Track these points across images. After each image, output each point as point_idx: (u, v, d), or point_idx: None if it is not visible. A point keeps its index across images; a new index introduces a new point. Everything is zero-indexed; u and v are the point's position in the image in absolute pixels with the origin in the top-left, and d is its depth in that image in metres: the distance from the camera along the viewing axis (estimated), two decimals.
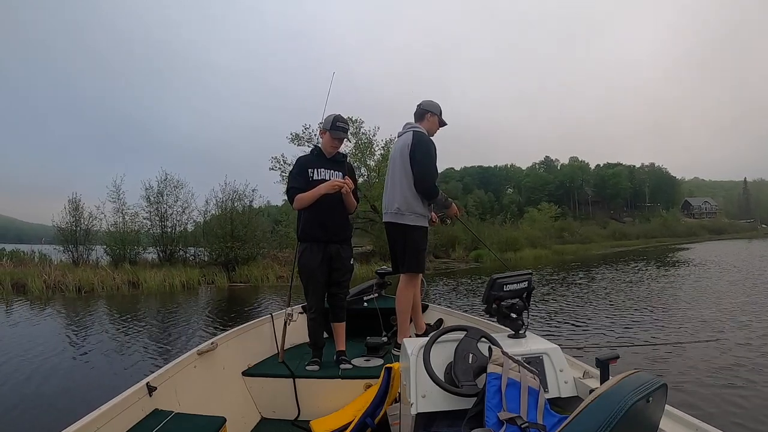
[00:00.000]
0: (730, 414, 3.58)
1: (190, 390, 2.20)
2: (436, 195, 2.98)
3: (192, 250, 18.01)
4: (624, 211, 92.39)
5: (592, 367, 1.66)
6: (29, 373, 5.16)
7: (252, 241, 17.02)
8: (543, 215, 45.42)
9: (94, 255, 16.82)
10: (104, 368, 5.34)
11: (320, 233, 2.93)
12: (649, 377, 1.02)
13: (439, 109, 3.15)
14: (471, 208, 45.14)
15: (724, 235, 66.51)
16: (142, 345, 6.42)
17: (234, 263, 16.38)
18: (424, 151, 2.92)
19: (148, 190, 17.51)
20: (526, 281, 1.90)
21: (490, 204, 77.72)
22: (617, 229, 59.13)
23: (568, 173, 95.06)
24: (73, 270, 14.41)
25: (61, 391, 4.53)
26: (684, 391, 4.05)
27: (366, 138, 24.00)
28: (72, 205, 16.77)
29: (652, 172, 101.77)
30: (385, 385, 2.17)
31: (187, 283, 14.51)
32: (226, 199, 17.94)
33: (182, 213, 17.97)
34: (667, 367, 4.79)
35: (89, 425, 1.50)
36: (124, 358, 5.79)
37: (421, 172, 2.91)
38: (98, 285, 13.34)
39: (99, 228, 17.12)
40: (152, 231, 17.54)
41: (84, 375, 5.11)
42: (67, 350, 6.25)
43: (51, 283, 13.13)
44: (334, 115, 2.99)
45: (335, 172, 2.98)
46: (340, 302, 3.06)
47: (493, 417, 1.31)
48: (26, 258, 16.45)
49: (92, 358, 5.79)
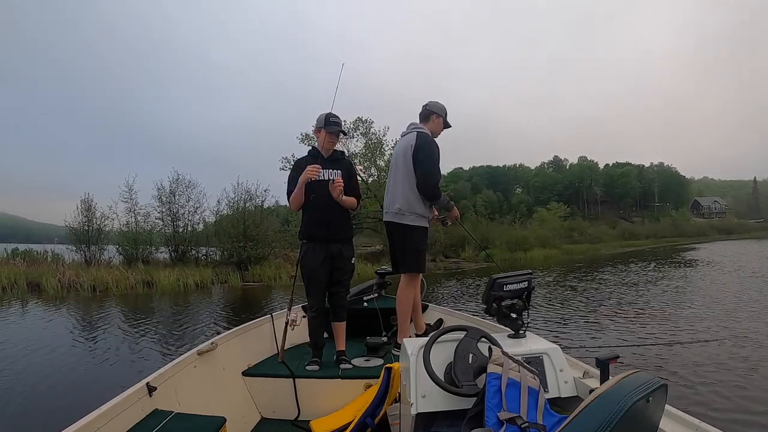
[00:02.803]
0: (730, 414, 3.57)
1: (190, 390, 2.21)
2: (439, 197, 2.98)
3: (204, 250, 18.12)
4: (633, 210, 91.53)
5: (592, 367, 1.66)
6: (54, 367, 5.29)
7: (264, 241, 17.07)
8: (552, 215, 45.13)
9: (106, 255, 16.98)
10: (125, 366, 5.39)
11: (322, 233, 2.94)
12: (649, 377, 1.02)
13: (444, 110, 3.14)
14: (480, 208, 45.04)
15: (734, 235, 65.77)
16: (162, 343, 6.48)
17: (247, 263, 16.44)
18: (428, 153, 2.91)
19: (160, 190, 17.67)
20: (526, 281, 1.90)
21: (499, 204, 77.50)
22: (626, 229, 58.71)
23: (577, 173, 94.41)
24: (86, 269, 14.55)
25: (84, 388, 4.58)
26: (684, 391, 4.04)
27: (376, 138, 24.19)
28: (84, 205, 16.95)
29: (661, 171, 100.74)
30: (385, 385, 2.17)
31: (201, 283, 14.60)
32: (239, 199, 18.03)
33: (194, 213, 18.12)
34: (668, 367, 4.79)
35: (89, 425, 1.51)
36: (143, 355, 5.87)
37: (424, 173, 2.90)
38: (113, 284, 13.46)
39: (111, 228, 17.28)
40: (164, 231, 17.67)
41: (107, 372, 5.19)
42: (90, 348, 6.34)
43: (65, 282, 13.25)
44: (326, 113, 3.00)
45: (333, 171, 2.99)
46: (341, 301, 3.07)
47: (493, 417, 1.31)
48: (39, 257, 16.63)
49: (114, 356, 5.87)
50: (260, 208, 18.18)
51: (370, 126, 24.46)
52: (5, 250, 17.16)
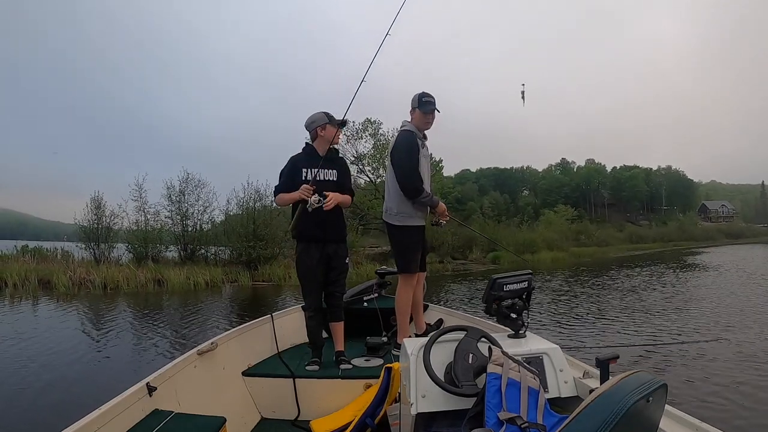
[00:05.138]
0: (730, 414, 3.57)
1: (190, 390, 2.21)
2: (419, 195, 2.90)
3: (213, 249, 18.21)
4: (640, 214, 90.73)
5: (592, 367, 1.66)
6: (69, 363, 5.41)
7: (274, 241, 17.12)
8: (559, 217, 44.93)
9: (115, 253, 17.13)
10: (140, 364, 5.46)
11: (318, 233, 2.94)
12: (649, 377, 1.01)
13: (417, 100, 2.98)
14: (487, 210, 44.96)
15: (742, 239, 65.32)
16: (180, 341, 6.55)
17: (256, 262, 16.51)
18: (402, 154, 2.89)
19: (170, 189, 17.79)
20: (526, 281, 1.89)
21: (505, 206, 77.17)
22: (634, 232, 58.30)
23: (585, 175, 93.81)
24: (96, 267, 14.67)
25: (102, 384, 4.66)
26: (684, 392, 4.04)
27: (385, 139, 24.20)
28: (94, 203, 17.10)
29: (668, 174, 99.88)
30: (385, 385, 2.17)
31: (211, 282, 14.70)
32: (248, 199, 18.11)
33: (203, 212, 18.25)
34: (668, 367, 4.79)
35: (89, 425, 1.52)
36: (159, 352, 5.93)
37: (401, 174, 2.89)
38: (123, 282, 13.58)
39: (120, 226, 17.42)
40: (173, 229, 17.78)
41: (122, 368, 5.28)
42: (102, 344, 6.42)
43: (76, 279, 13.37)
44: (324, 112, 3.02)
45: (329, 171, 2.99)
46: (338, 301, 3.07)
47: (493, 417, 1.31)
48: (49, 255, 16.80)
49: (129, 354, 5.94)
50: (270, 208, 18.19)
51: (379, 127, 24.59)
52: (15, 247, 17.35)
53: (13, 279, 12.97)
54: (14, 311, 9.52)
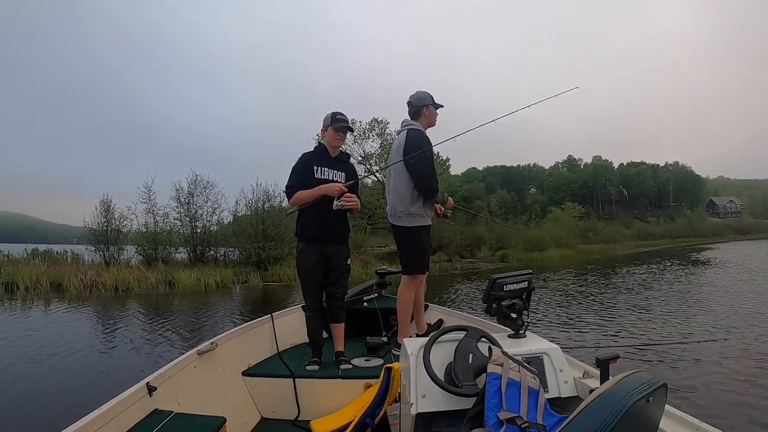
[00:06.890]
0: (730, 413, 3.55)
1: (190, 390, 2.21)
2: (436, 194, 2.92)
3: (222, 250, 18.31)
4: (648, 210, 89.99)
5: (592, 367, 1.65)
6: (82, 362, 5.51)
7: (283, 241, 17.15)
8: (567, 215, 44.68)
9: (124, 255, 17.28)
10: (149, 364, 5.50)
11: (319, 233, 2.94)
12: (649, 377, 1.01)
13: (430, 97, 3.02)
14: (494, 208, 44.84)
15: (750, 234, 64.85)
16: (194, 341, 6.57)
17: (266, 263, 16.58)
18: (419, 154, 2.85)
19: (178, 191, 17.92)
20: (526, 281, 1.89)
21: (513, 204, 76.90)
22: (642, 228, 58.06)
23: (592, 172, 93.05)
24: (106, 270, 14.82)
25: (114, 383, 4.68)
26: (684, 392, 4.02)
27: (392, 139, 24.15)
28: (103, 206, 17.26)
29: (676, 170, 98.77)
30: (385, 385, 2.17)
31: (222, 283, 14.77)
32: (257, 200, 18.18)
33: (212, 213, 18.37)
34: (668, 367, 4.76)
35: (89, 425, 1.52)
36: (174, 355, 5.97)
37: (419, 174, 2.86)
38: (134, 284, 13.69)
39: (129, 228, 17.58)
40: (182, 231, 17.91)
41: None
42: (115, 345, 6.51)
43: (87, 282, 13.50)
44: (332, 111, 3.01)
45: (339, 172, 3.00)
46: (338, 302, 3.06)
47: (493, 417, 1.31)
48: (59, 258, 16.97)
49: (144, 356, 5.98)
50: (279, 209, 18.23)
51: (386, 126, 24.57)
52: (25, 250, 17.56)
53: (24, 282, 13.12)
54: (26, 314, 9.63)
